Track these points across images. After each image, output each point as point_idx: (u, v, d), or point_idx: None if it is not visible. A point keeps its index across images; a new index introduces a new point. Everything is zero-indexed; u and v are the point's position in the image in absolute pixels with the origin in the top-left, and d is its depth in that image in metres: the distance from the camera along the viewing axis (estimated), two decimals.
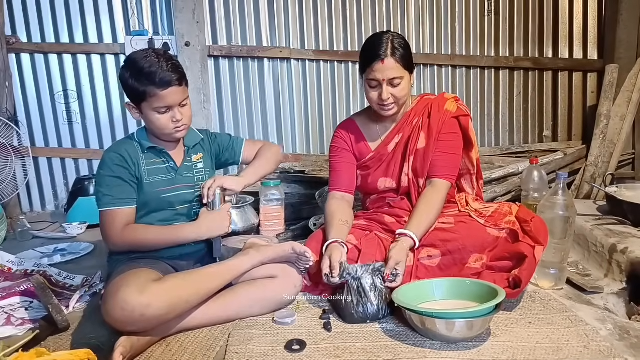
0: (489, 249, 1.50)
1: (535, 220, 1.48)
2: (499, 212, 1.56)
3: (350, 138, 1.73)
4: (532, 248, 1.41)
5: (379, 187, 1.71)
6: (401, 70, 1.53)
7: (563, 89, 3.02)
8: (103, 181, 1.36)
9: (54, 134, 2.92)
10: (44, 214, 2.93)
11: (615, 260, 1.67)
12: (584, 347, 1.19)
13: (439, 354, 1.18)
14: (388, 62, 1.51)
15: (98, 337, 1.29)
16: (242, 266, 1.40)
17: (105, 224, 1.36)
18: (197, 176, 1.50)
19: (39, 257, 2.05)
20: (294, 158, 2.95)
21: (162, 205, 1.43)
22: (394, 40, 1.54)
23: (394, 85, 1.54)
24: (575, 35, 2.97)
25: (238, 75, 2.91)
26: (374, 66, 1.52)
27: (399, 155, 1.67)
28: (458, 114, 1.64)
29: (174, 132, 1.40)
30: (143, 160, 1.40)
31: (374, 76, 1.53)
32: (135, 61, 1.32)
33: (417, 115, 1.66)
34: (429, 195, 1.60)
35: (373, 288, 1.36)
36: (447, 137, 1.63)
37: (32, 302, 1.51)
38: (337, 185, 1.71)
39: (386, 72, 1.51)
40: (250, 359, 1.17)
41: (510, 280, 1.40)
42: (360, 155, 1.72)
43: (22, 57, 2.82)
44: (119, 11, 2.82)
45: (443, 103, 1.66)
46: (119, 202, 1.35)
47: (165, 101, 1.34)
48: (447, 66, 2.97)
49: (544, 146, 2.99)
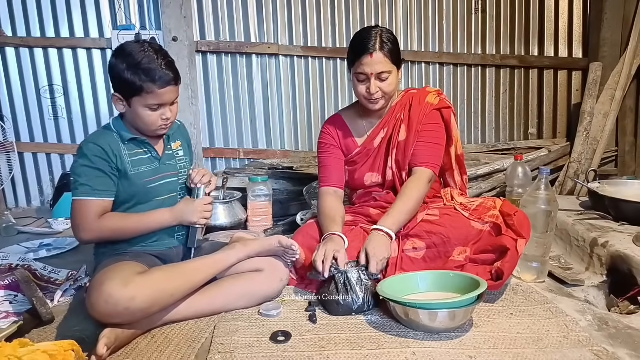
0: (473, 241, 1.52)
1: (519, 214, 1.50)
2: (483, 206, 1.58)
3: (337, 134, 1.74)
4: (514, 241, 1.43)
5: (366, 182, 1.73)
6: (389, 64, 1.54)
7: (548, 87, 3.06)
8: (82, 171, 1.32)
9: (40, 129, 2.89)
10: (30, 209, 2.90)
11: (596, 254, 1.71)
12: (563, 337, 1.22)
13: (422, 344, 1.20)
14: (377, 56, 1.52)
15: (83, 330, 1.28)
16: (228, 260, 1.40)
17: (81, 214, 1.32)
18: (179, 164, 1.50)
19: (24, 252, 2.03)
20: (282, 154, 2.95)
21: (149, 195, 1.41)
22: (382, 34, 1.55)
23: (382, 79, 1.55)
24: (560, 33, 3.01)
25: (226, 71, 2.90)
26: (363, 60, 1.53)
27: (384, 149, 1.69)
28: (440, 106, 1.66)
29: (160, 129, 1.39)
30: (125, 151, 1.38)
31: (362, 70, 1.54)
32: (132, 54, 1.29)
33: (400, 110, 1.68)
34: (408, 184, 1.61)
35: (359, 282, 1.38)
36: (428, 127, 1.65)
37: (16, 296, 1.50)
38: (329, 181, 1.71)
39: (374, 66, 1.52)
40: (236, 350, 1.18)
41: (492, 272, 1.42)
42: (347, 150, 1.74)
43: (7, 51, 2.79)
44: (106, 5, 2.80)
45: (424, 96, 1.68)
46: (98, 193, 1.32)
47: (161, 99, 1.33)
48: (434, 63, 2.99)
49: (529, 143, 3.03)
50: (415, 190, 1.58)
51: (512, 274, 1.46)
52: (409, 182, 1.62)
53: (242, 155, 2.96)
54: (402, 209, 1.55)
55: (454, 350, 1.17)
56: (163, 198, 1.44)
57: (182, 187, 1.50)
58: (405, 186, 1.61)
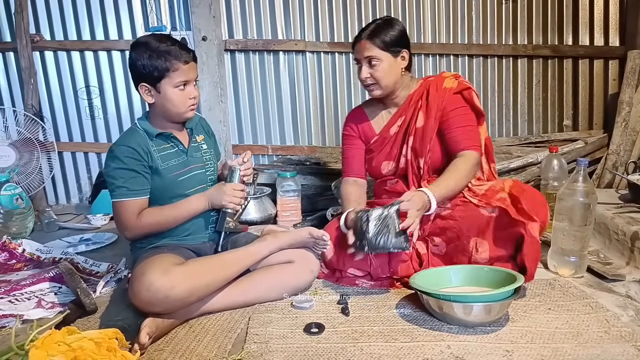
0: (486, 232, 1.47)
1: (526, 194, 1.44)
2: (492, 189, 1.53)
3: (357, 124, 1.79)
4: (524, 226, 1.38)
5: (382, 170, 1.75)
6: (377, 50, 1.59)
7: (584, 77, 2.95)
8: (117, 174, 1.38)
9: (77, 128, 3.00)
10: (69, 206, 3.02)
11: (637, 247, 1.65)
12: (604, 332, 1.18)
13: (456, 337, 1.19)
14: (364, 43, 1.60)
15: (124, 319, 1.34)
16: (260, 252, 1.43)
17: (122, 215, 1.39)
18: (205, 156, 1.54)
19: (66, 246, 2.12)
20: (310, 150, 2.97)
21: (180, 188, 1.46)
22: (377, 23, 1.62)
23: (371, 65, 1.60)
24: (595, 21, 2.90)
25: (254, 69, 2.94)
26: (355, 46, 1.64)
27: (400, 137, 1.71)
28: (460, 89, 1.64)
29: (189, 110, 1.44)
30: (154, 147, 1.43)
31: (355, 56, 1.65)
32: (148, 42, 1.37)
33: (418, 97, 1.69)
34: (456, 162, 1.58)
35: (392, 221, 1.34)
36: (456, 112, 1.62)
37: (60, 288, 1.57)
38: (349, 171, 1.78)
39: (362, 52, 1.60)
40: (270, 340, 1.20)
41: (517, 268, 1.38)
42: (366, 139, 1.78)
43: (45, 54, 2.91)
44: (138, 8, 2.88)
45: (441, 82, 1.67)
46: (134, 193, 1.39)
47: (187, 75, 1.39)
48: (463, 56, 2.94)
49: (564, 135, 2.93)
50: (463, 167, 1.55)
51: (538, 262, 1.40)
52: (457, 160, 1.58)
53: (270, 152, 3.00)
54: (448, 179, 1.52)
55: (490, 344, 1.16)
56: (193, 190, 1.48)
57: (212, 177, 1.54)
58: (453, 163, 1.58)
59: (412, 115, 1.68)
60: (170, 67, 1.36)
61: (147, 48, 1.36)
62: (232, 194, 1.45)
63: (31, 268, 1.82)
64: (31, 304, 1.45)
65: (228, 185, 1.46)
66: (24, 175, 2.67)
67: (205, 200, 1.46)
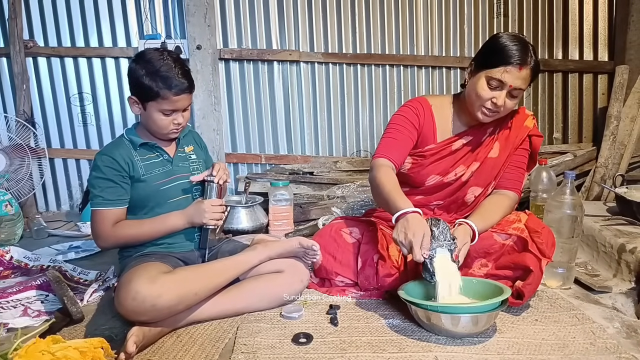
0: (494, 256, 1.49)
1: (545, 230, 1.45)
2: (505, 219, 1.54)
3: (423, 117, 1.59)
4: (538, 261, 1.38)
5: (428, 182, 1.61)
6: (527, 84, 1.45)
7: (573, 91, 3.01)
8: (96, 183, 1.40)
9: (69, 135, 2.99)
10: (59, 213, 3.00)
11: (624, 260, 1.67)
12: (590, 344, 1.19)
13: (444, 348, 1.20)
14: (525, 72, 1.41)
15: (111, 328, 1.32)
16: (250, 261, 1.43)
17: (96, 223, 1.41)
18: (192, 166, 1.54)
19: (54, 253, 2.10)
20: (303, 159, 2.98)
21: (163, 197, 1.46)
22: (535, 52, 1.45)
23: (513, 95, 1.44)
24: (585, 36, 2.96)
25: (248, 78, 2.95)
26: (509, 68, 1.40)
27: (460, 156, 1.59)
28: (533, 133, 1.60)
29: (171, 133, 1.45)
30: (137, 157, 1.44)
31: (503, 77, 1.40)
32: (152, 61, 1.36)
33: (496, 125, 1.58)
34: (499, 198, 1.57)
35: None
36: (520, 152, 1.60)
37: (47, 296, 1.55)
38: (387, 153, 1.53)
39: (518, 80, 1.41)
40: (258, 350, 1.20)
41: (513, 291, 1.38)
42: (422, 140, 1.59)
43: (39, 60, 2.90)
44: (133, 16, 2.89)
45: (524, 119, 1.60)
46: (109, 203, 1.39)
47: (175, 105, 1.39)
48: (455, 68, 2.98)
49: (553, 148, 2.97)
50: (507, 206, 1.55)
51: (533, 295, 1.42)
52: (499, 196, 1.58)
53: (263, 161, 3.00)
54: (494, 216, 1.50)
55: (477, 355, 1.16)
56: (177, 199, 1.48)
57: (197, 187, 1.53)
58: (494, 197, 1.58)
59: (484, 141, 1.58)
60: (160, 93, 1.36)
61: (146, 65, 1.36)
62: (212, 211, 1.44)
63: (18, 275, 1.80)
64: (17, 312, 1.43)
65: (206, 202, 1.45)
66: (14, 182, 2.65)
67: (184, 218, 1.44)
